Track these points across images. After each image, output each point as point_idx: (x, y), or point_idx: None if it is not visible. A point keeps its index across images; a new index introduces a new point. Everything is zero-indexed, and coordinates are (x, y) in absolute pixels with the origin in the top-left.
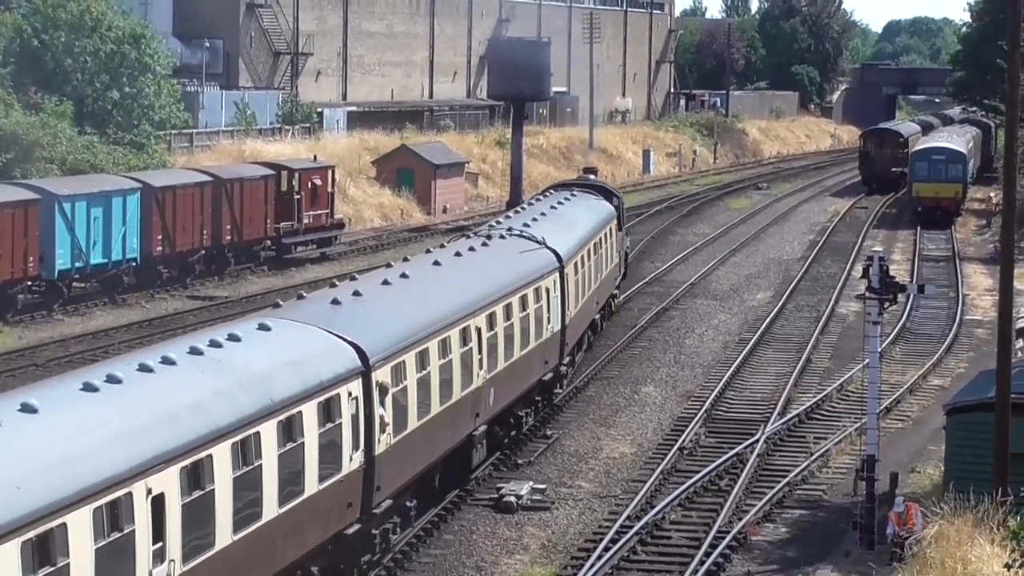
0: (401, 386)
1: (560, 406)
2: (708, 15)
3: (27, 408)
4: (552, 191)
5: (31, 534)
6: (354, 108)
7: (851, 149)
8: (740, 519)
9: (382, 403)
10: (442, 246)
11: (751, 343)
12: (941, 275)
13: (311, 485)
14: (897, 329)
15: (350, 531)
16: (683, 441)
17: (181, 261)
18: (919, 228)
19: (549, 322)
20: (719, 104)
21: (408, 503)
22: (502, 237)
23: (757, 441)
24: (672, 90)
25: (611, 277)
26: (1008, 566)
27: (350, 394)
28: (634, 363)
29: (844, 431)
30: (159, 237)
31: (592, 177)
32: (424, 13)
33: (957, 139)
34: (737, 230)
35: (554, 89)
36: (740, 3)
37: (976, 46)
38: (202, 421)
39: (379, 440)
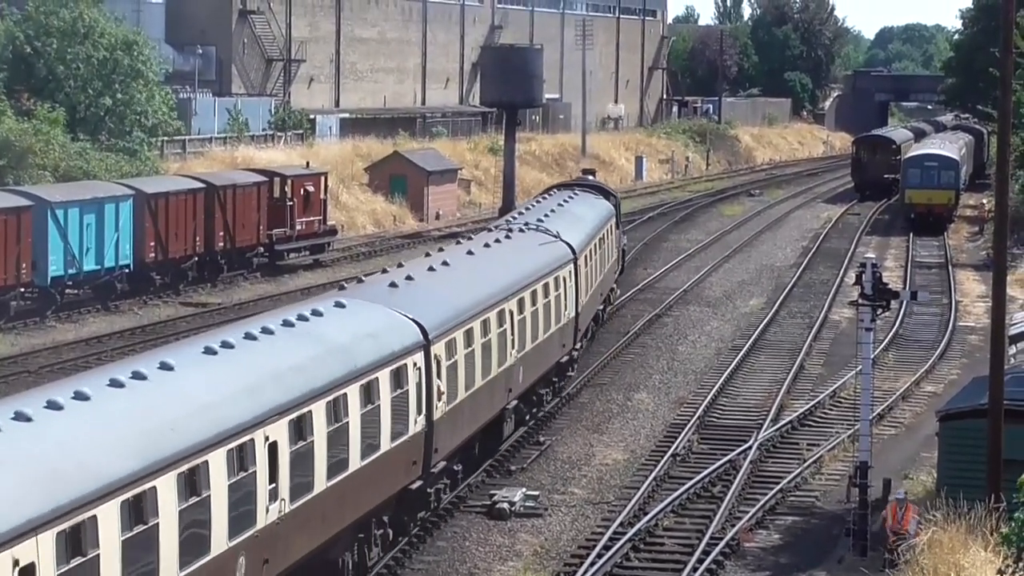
0: (452, 360)
1: (553, 412)
2: (700, 22)
3: (165, 366)
4: (555, 190)
5: (184, 467)
6: (347, 115)
7: (844, 156)
8: (733, 526)
9: (438, 374)
10: (468, 238)
11: (744, 350)
12: (934, 282)
13: (385, 443)
14: (890, 335)
15: (414, 486)
16: (676, 448)
17: (174, 268)
18: (912, 235)
19: (566, 308)
20: (711, 111)
21: (455, 467)
22: (521, 231)
23: (750, 448)
24: (665, 97)
25: (611, 271)
26: (1001, 572)
27: (414, 364)
28: (627, 370)
29: (837, 438)
30: (152, 244)
31: (591, 178)
32: (416, 20)
33: (950, 146)
34: (730, 236)
35: (547, 96)
36: (732, 10)
37: (968, 53)
38: (304, 381)
39: (436, 407)
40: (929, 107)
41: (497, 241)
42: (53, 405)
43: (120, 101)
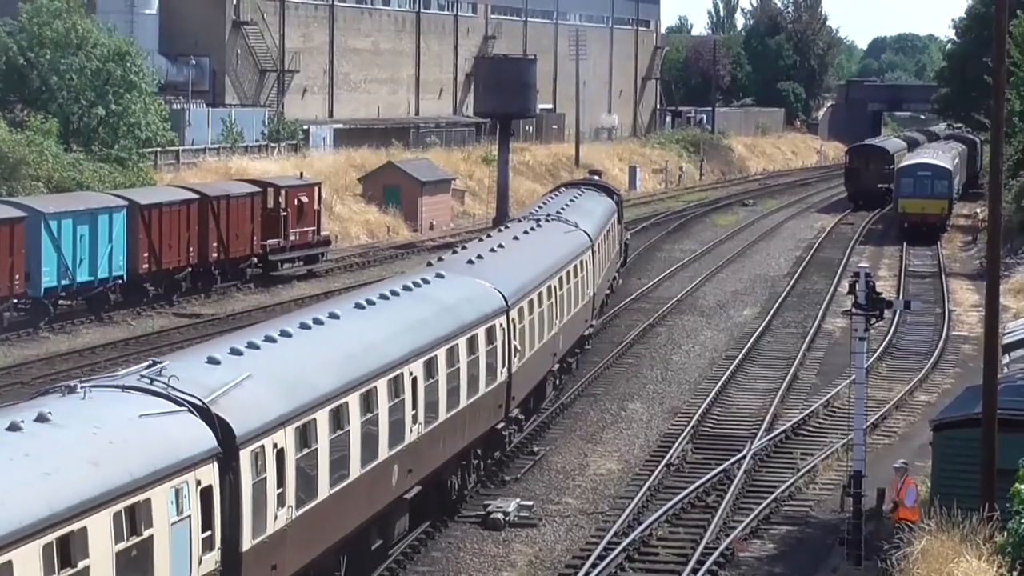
0: (523, 324)
1: (547, 422)
2: (694, 32)
3: (333, 316)
4: (563, 188)
5: (363, 390)
6: (340, 125)
7: (837, 165)
8: (727, 535)
9: (515, 335)
10: (506, 226)
11: (738, 359)
12: (927, 291)
13: (482, 387)
14: (884, 345)
15: (499, 426)
16: (670, 457)
17: (167, 278)
18: (905, 244)
19: (587, 288)
20: (705, 121)
21: (520, 416)
22: (547, 221)
23: (744, 457)
24: (658, 107)
25: (615, 261)
26: None
27: (500, 325)
28: (621, 379)
29: (831, 447)
30: (145, 255)
31: (596, 178)
32: (410, 30)
33: (943, 155)
34: (723, 246)
35: (540, 106)
36: (726, 20)
37: (961, 62)
38: (430, 332)
39: (514, 362)
40: (922, 117)
41: (532, 229)
42: (269, 339)
43: (113, 112)
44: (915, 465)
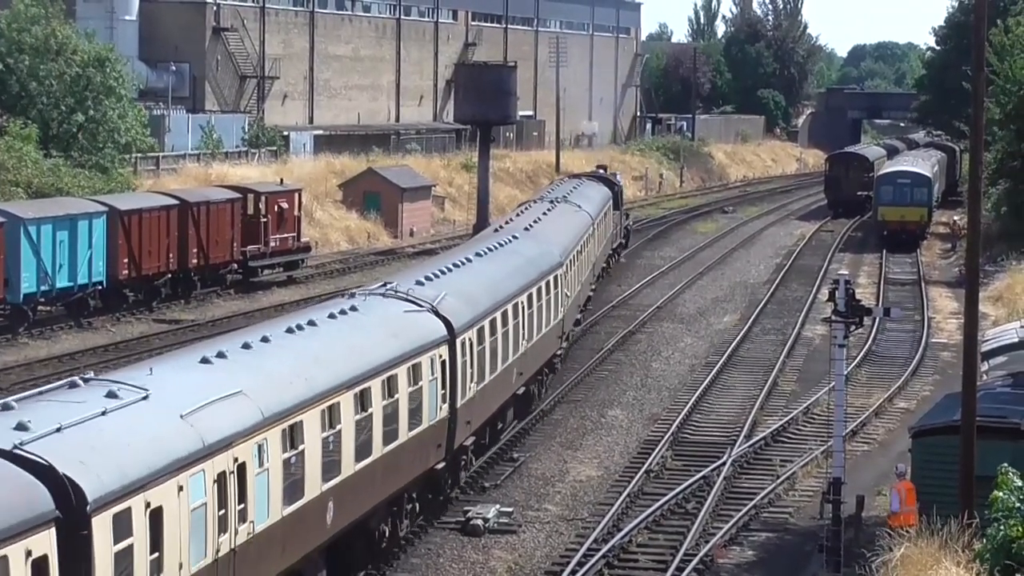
0: (568, 275)
1: (527, 429)
2: (674, 39)
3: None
4: (566, 179)
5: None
6: (320, 131)
7: (817, 173)
8: (707, 542)
9: (566, 286)
10: (529, 206)
11: (717, 366)
12: (907, 298)
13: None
14: (863, 352)
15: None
16: (650, 464)
17: (147, 284)
18: (885, 251)
19: (591, 257)
20: (685, 128)
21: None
22: (558, 202)
23: (723, 464)
24: (638, 114)
25: (610, 239)
26: None
27: (555, 278)
28: (601, 386)
29: (810, 454)
30: (125, 260)
31: (601, 172)
32: (390, 37)
33: (922, 163)
34: (703, 253)
35: (520, 113)
36: (706, 27)
37: (940, 71)
38: (523, 276)
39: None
40: (901, 124)
41: (550, 210)
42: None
43: (93, 118)
44: (894, 472)
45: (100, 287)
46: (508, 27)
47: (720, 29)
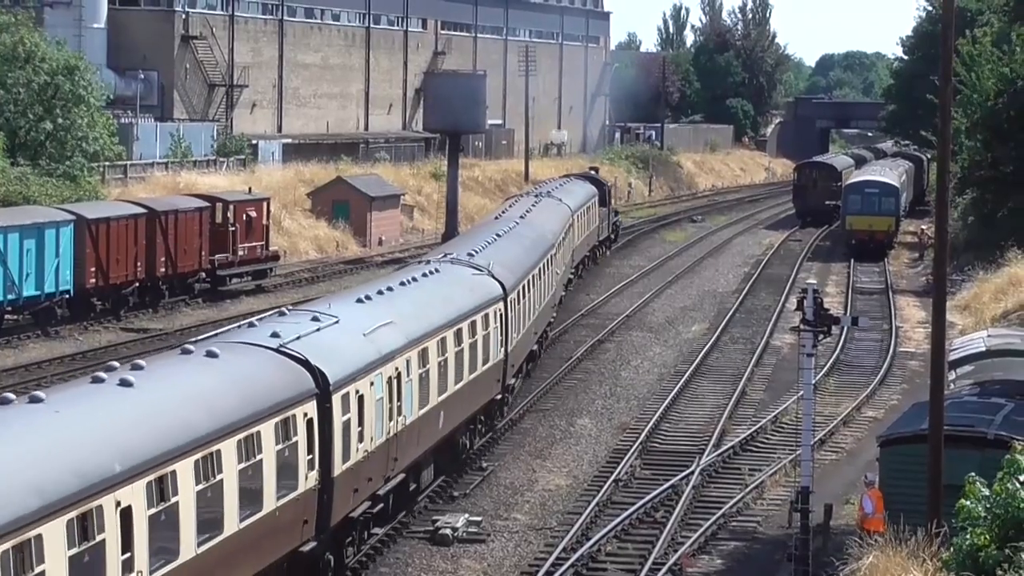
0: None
1: (496, 438)
2: (643, 48)
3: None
4: (556, 178)
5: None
6: (289, 140)
7: (785, 182)
8: (675, 551)
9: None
10: (518, 198)
11: (686, 375)
12: (875, 307)
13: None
14: (831, 361)
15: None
16: (618, 473)
17: (115, 293)
18: (853, 261)
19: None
20: (654, 137)
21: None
22: (544, 197)
23: (692, 473)
24: (607, 123)
25: (595, 231)
26: None
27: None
28: (570, 395)
29: (779, 463)
30: (92, 269)
31: (593, 173)
32: (360, 45)
33: (890, 173)
34: (672, 262)
35: (490, 122)
36: (675, 37)
37: (908, 81)
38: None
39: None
40: (869, 134)
41: (535, 205)
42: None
43: (61, 126)
44: (862, 481)
45: (67, 296)
46: (477, 36)
47: (689, 38)
